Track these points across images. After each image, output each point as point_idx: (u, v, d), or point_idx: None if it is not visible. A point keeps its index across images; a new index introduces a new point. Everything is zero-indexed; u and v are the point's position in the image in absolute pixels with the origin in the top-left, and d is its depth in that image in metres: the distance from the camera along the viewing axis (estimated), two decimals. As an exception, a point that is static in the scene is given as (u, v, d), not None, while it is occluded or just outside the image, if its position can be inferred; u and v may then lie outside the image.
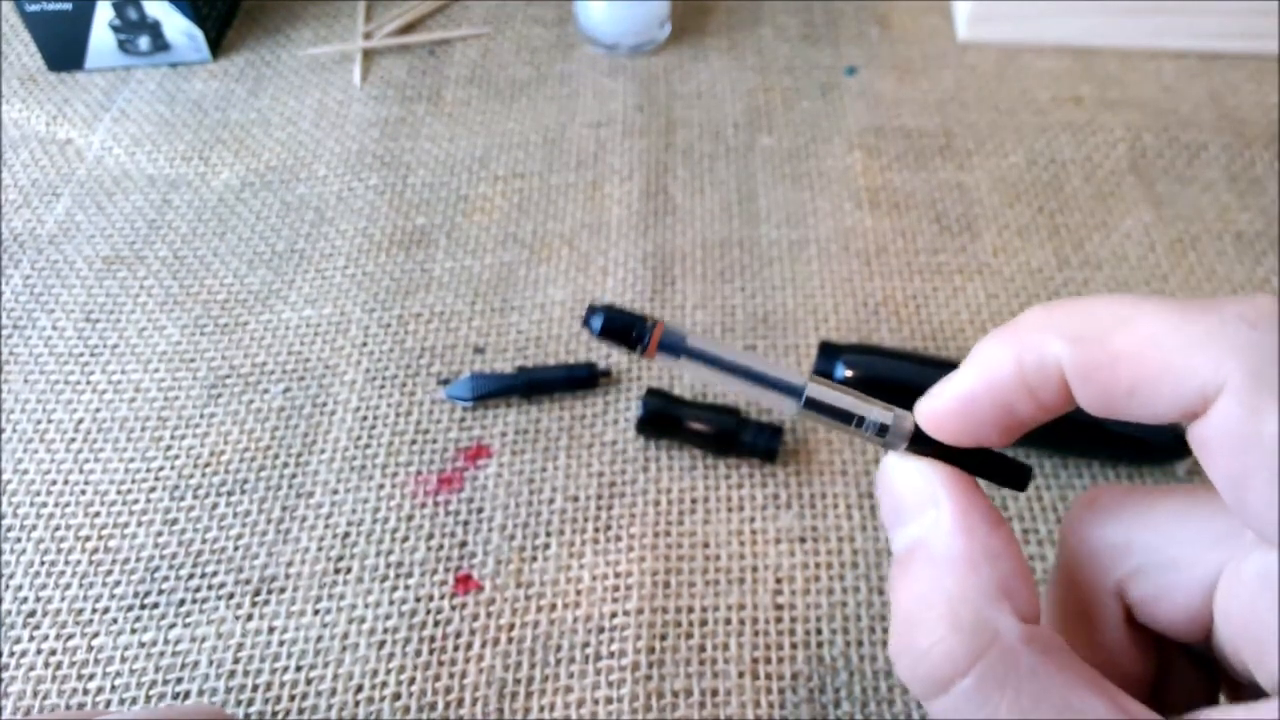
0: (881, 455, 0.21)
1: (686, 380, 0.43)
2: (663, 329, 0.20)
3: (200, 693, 0.35)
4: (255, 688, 0.35)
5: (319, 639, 0.36)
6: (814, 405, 0.20)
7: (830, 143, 0.54)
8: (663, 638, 0.36)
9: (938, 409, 0.20)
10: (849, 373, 0.40)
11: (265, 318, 0.46)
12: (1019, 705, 0.17)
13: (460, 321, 0.46)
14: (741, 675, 0.35)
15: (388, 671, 0.35)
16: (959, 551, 0.19)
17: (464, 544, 0.38)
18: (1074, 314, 0.18)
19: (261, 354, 0.45)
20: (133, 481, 0.40)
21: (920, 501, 0.20)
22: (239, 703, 0.34)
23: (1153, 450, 0.39)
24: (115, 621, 0.36)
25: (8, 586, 0.37)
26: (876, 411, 0.20)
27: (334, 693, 0.34)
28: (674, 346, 0.20)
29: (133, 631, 0.36)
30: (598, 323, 0.20)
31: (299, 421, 0.42)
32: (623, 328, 0.20)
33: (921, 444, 0.21)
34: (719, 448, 0.40)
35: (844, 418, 0.20)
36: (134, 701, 0.34)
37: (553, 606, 0.36)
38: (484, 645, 0.36)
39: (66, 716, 0.33)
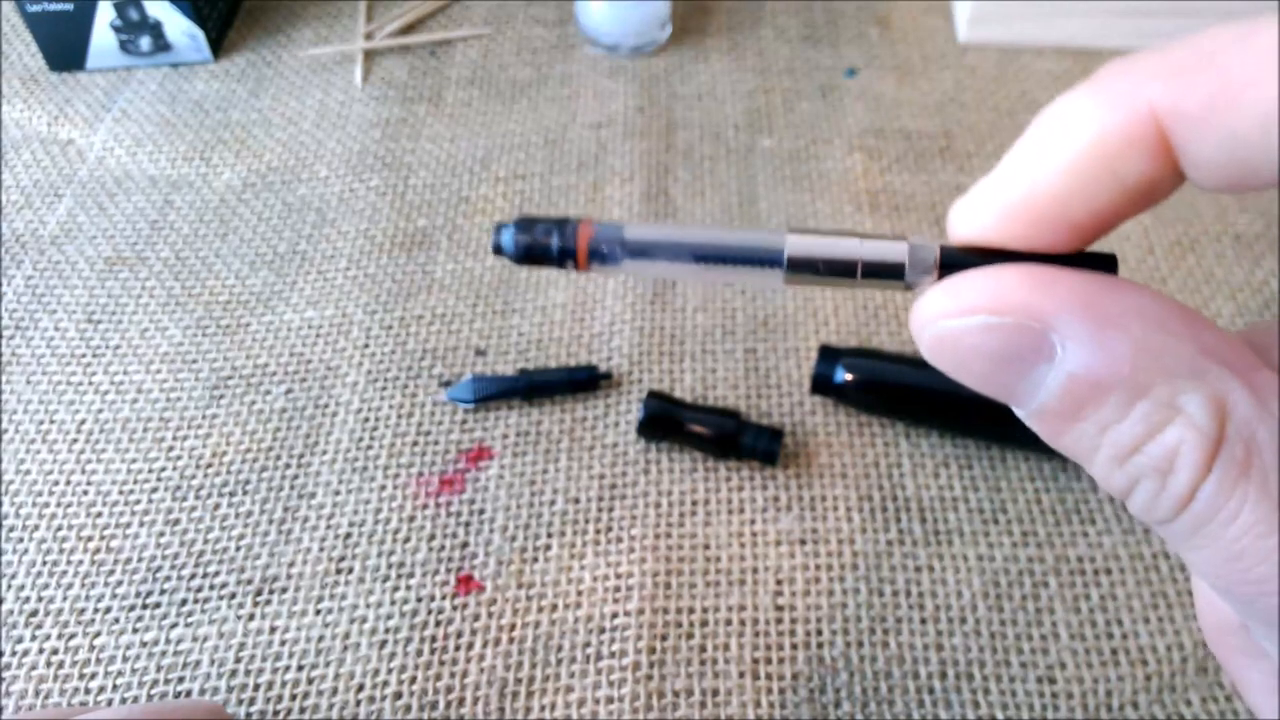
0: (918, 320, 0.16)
1: (687, 382, 0.43)
2: (590, 230, 0.16)
3: (202, 691, 0.35)
4: (257, 687, 0.35)
5: (321, 639, 0.36)
6: (801, 266, 0.16)
7: (830, 144, 0.54)
8: (664, 638, 0.36)
9: (982, 212, 0.15)
10: (849, 376, 0.40)
11: (267, 319, 0.46)
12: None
13: (462, 323, 0.46)
14: (742, 675, 0.35)
15: (389, 671, 0.35)
16: (1125, 355, 0.13)
17: (465, 545, 0.38)
18: (1170, 51, 0.14)
19: (263, 355, 0.45)
20: (135, 481, 0.40)
21: (1034, 328, 0.14)
22: (240, 702, 0.34)
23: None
24: (117, 621, 0.36)
25: (10, 586, 0.37)
26: (882, 248, 0.16)
27: (335, 692, 0.35)
28: (609, 252, 0.16)
29: (135, 631, 0.36)
30: (510, 238, 0.16)
31: (301, 422, 0.42)
32: (541, 242, 0.16)
33: (954, 269, 0.16)
34: (719, 450, 0.40)
35: (843, 271, 0.16)
36: (135, 700, 0.34)
37: (554, 607, 0.37)
38: (485, 645, 0.36)
39: (60, 714, 0.33)
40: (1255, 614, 0.14)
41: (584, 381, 0.42)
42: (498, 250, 0.17)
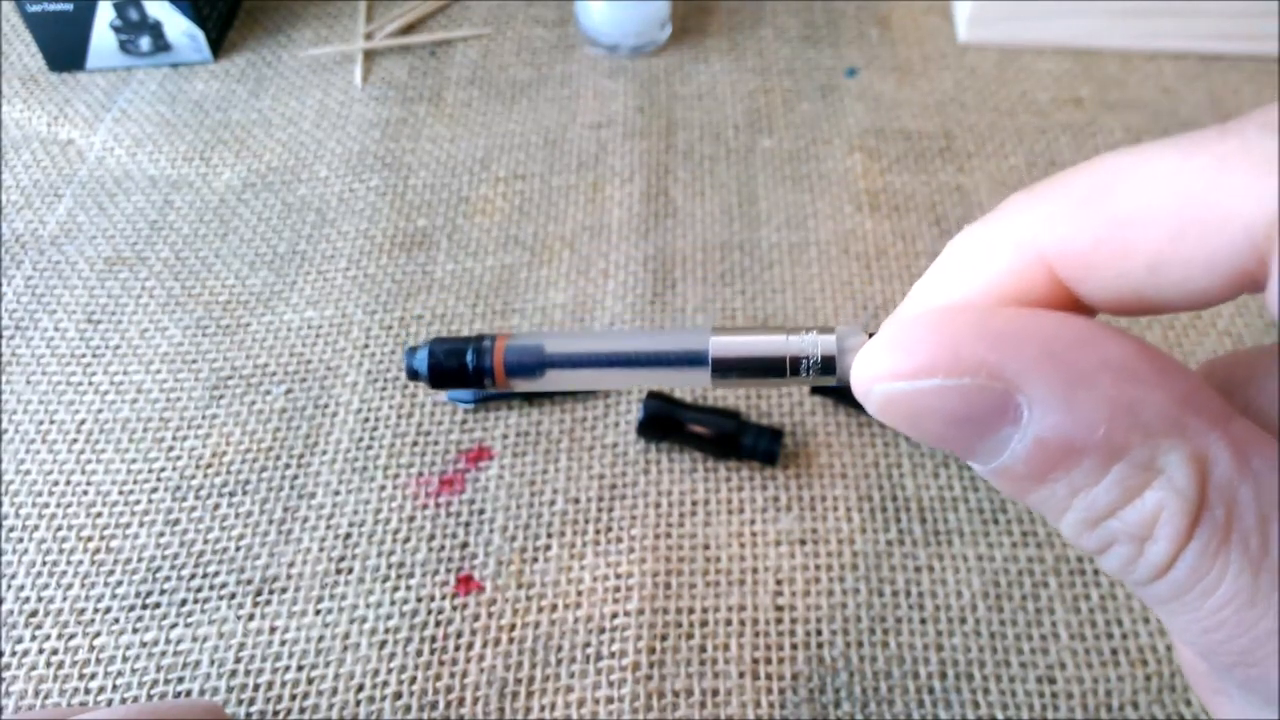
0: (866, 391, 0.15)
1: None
2: (505, 346, 0.16)
3: (202, 691, 0.35)
4: (257, 687, 0.35)
5: (320, 639, 0.36)
6: (727, 367, 0.15)
7: (830, 145, 0.54)
8: (663, 638, 0.36)
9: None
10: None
11: (267, 319, 0.46)
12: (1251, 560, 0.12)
13: (461, 324, 0.46)
14: (742, 676, 0.35)
15: (389, 671, 0.35)
16: (1100, 416, 0.13)
17: (465, 545, 0.38)
18: (1059, 187, 0.14)
19: (263, 355, 0.45)
20: (135, 481, 0.40)
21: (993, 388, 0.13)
22: (240, 702, 0.34)
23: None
24: (117, 621, 0.36)
25: (10, 586, 0.37)
26: (809, 341, 0.15)
27: (335, 692, 0.35)
28: (529, 365, 0.16)
29: (134, 631, 0.36)
30: (423, 361, 0.16)
31: (300, 422, 0.42)
32: (454, 361, 0.16)
33: None
34: (719, 451, 0.40)
35: (772, 370, 0.15)
36: (135, 700, 0.34)
37: (554, 607, 0.37)
38: (485, 645, 0.36)
39: (60, 714, 0.33)
40: (1233, 680, 0.14)
41: (584, 381, 0.42)
42: (413, 375, 0.16)
